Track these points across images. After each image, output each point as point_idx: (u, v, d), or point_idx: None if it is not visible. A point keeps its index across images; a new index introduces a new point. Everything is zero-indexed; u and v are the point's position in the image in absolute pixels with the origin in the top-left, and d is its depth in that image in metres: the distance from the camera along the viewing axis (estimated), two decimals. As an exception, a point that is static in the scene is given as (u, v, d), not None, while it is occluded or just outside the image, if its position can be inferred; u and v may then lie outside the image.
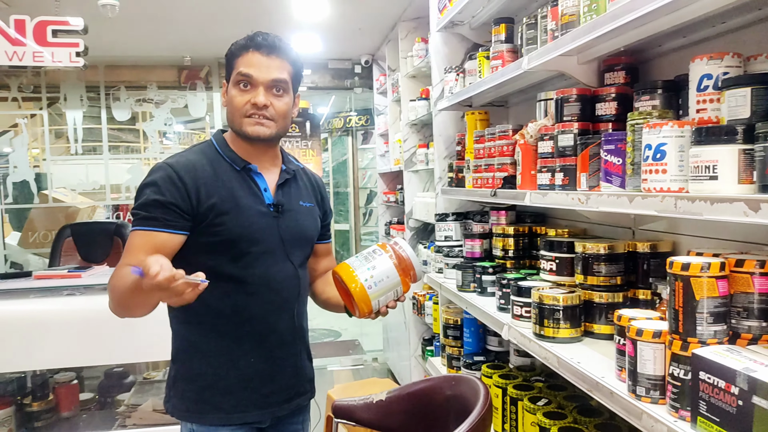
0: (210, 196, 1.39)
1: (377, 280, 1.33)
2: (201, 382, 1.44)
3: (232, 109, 1.45)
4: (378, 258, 1.36)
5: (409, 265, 1.37)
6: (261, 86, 1.42)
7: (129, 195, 5.00)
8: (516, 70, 1.77)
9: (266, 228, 1.44)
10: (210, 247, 1.39)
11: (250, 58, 1.42)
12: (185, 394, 1.45)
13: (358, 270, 1.34)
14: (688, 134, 1.10)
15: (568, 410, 1.66)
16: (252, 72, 1.41)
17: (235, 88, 1.43)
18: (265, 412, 1.47)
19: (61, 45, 2.72)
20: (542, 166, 1.65)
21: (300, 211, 1.54)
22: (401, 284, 1.36)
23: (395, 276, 1.35)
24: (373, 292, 1.33)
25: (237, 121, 1.44)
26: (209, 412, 1.43)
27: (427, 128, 3.74)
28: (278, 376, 1.48)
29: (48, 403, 2.96)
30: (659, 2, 1.11)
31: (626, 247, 1.55)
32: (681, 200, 1.04)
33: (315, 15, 3.53)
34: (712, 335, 0.98)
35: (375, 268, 1.34)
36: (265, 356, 1.46)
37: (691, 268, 0.99)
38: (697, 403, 0.94)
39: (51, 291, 2.86)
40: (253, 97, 1.42)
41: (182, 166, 1.40)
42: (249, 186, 1.46)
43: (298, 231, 1.52)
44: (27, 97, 4.76)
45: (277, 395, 1.49)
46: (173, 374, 1.49)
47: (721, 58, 1.13)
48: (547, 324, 1.52)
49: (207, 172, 1.42)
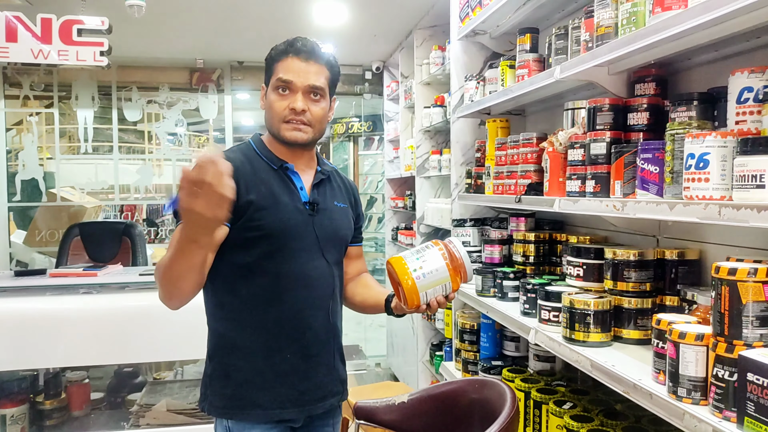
0: (249, 192, 1.42)
1: (426, 272, 1.37)
2: (238, 377, 1.45)
3: (271, 114, 1.49)
4: (429, 252, 1.40)
5: (461, 264, 1.39)
6: (299, 91, 1.46)
7: (138, 196, 5.01)
8: (547, 78, 1.81)
9: (302, 225, 1.48)
10: (247, 243, 1.42)
11: (289, 64, 1.46)
12: (223, 390, 1.46)
13: (409, 261, 1.38)
14: (730, 144, 1.14)
15: (594, 413, 1.69)
16: (291, 77, 1.45)
17: (274, 92, 1.48)
18: (301, 409, 1.49)
19: (85, 44, 2.75)
20: (572, 174, 1.69)
21: (335, 211, 1.58)
22: (450, 280, 1.39)
23: (444, 271, 1.38)
24: (422, 284, 1.36)
25: (275, 126, 1.49)
26: (247, 408, 1.44)
27: (441, 135, 3.78)
28: (313, 374, 1.51)
29: (60, 401, 2.96)
30: (701, 18, 1.16)
31: (655, 254, 1.59)
32: (725, 208, 1.07)
33: (333, 20, 3.57)
34: (758, 338, 1.02)
35: (425, 261, 1.38)
36: (301, 353, 1.48)
37: (738, 273, 1.02)
38: (744, 404, 0.97)
39: (67, 289, 2.87)
40: (291, 102, 1.46)
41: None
42: (286, 184, 1.50)
43: (333, 230, 1.55)
44: (38, 96, 4.77)
45: (312, 393, 1.50)
46: (209, 372, 1.51)
47: (763, 71, 1.17)
48: (578, 328, 1.55)
49: (246, 168, 1.46)
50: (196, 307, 1.46)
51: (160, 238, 5.31)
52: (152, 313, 2.70)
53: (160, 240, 5.30)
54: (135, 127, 5.19)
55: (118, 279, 2.95)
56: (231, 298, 1.44)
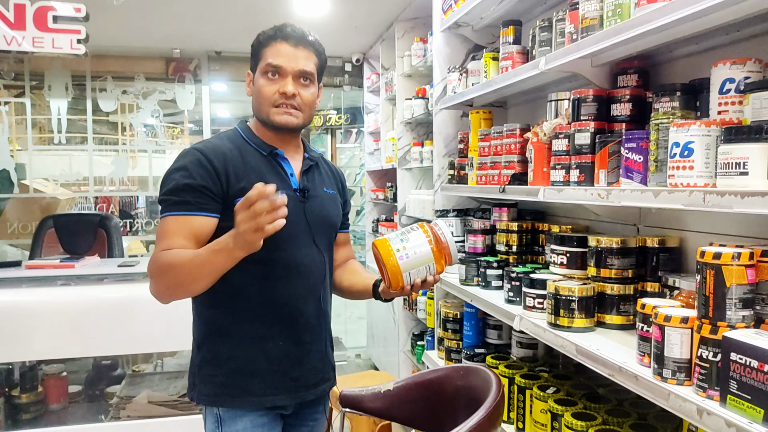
0: (239, 180, 1.42)
1: (409, 253, 1.40)
2: (230, 365, 1.45)
3: (260, 99, 1.48)
4: (414, 234, 1.43)
5: (445, 246, 1.42)
6: (289, 76, 1.45)
7: (112, 188, 4.92)
8: (532, 70, 1.83)
9: (294, 212, 1.45)
10: None
11: (278, 48, 1.46)
12: (213, 379, 1.46)
13: (393, 242, 1.41)
14: (714, 133, 1.17)
15: (577, 397, 1.73)
16: (281, 62, 1.45)
17: (263, 77, 1.47)
18: (294, 396, 1.50)
19: (62, 31, 2.69)
20: (556, 164, 1.72)
21: (324, 198, 1.58)
22: (434, 262, 1.41)
23: (428, 252, 1.40)
24: (405, 264, 1.39)
25: (265, 111, 1.48)
26: (238, 396, 1.44)
27: (422, 127, 3.80)
28: (306, 360, 1.51)
29: (37, 395, 2.91)
30: (686, 11, 1.19)
31: (637, 242, 1.63)
32: (710, 194, 1.11)
33: (314, 11, 3.56)
34: (741, 320, 1.06)
35: (409, 242, 1.41)
36: (294, 340, 1.49)
37: (722, 257, 1.06)
38: (727, 383, 1.01)
39: (44, 281, 2.82)
40: (281, 86, 1.45)
41: (210, 150, 1.44)
42: (277, 171, 1.50)
43: (323, 216, 1.56)
44: (8, 85, 4.64)
45: (305, 379, 1.51)
46: (198, 361, 1.50)
47: (744, 63, 1.21)
48: (563, 314, 1.58)
49: (235, 156, 1.45)
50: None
51: (135, 230, 5.23)
52: (131, 305, 2.68)
53: (135, 232, 5.22)
54: (108, 118, 5.10)
55: (96, 270, 2.91)
56: (223, 285, 1.43)
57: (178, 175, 1.40)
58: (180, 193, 1.38)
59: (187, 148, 1.47)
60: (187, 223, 1.37)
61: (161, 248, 1.36)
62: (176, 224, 1.37)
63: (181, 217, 1.38)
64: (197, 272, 1.31)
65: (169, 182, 1.41)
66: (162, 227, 1.39)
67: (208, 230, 1.39)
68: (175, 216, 1.38)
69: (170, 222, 1.38)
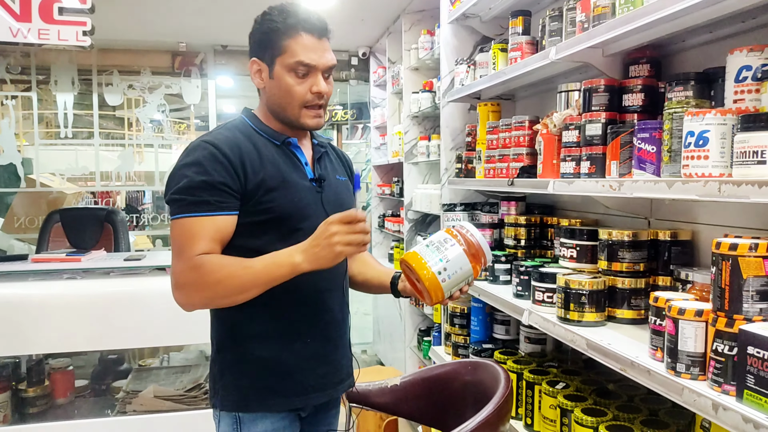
0: (256, 173, 1.33)
1: (451, 273, 1.29)
2: (256, 367, 1.38)
3: (288, 98, 1.37)
4: (450, 248, 1.31)
5: (480, 251, 1.33)
6: (319, 73, 1.36)
7: (119, 183, 4.92)
8: (542, 60, 1.80)
9: (313, 203, 1.41)
10: (258, 227, 1.34)
11: (305, 43, 1.34)
12: (239, 383, 1.38)
13: (430, 260, 1.29)
14: (729, 122, 1.14)
15: (587, 393, 1.70)
16: (313, 60, 1.34)
17: (290, 74, 1.35)
18: (321, 394, 1.43)
19: (67, 23, 2.67)
20: (566, 155, 1.69)
21: (338, 185, 1.52)
22: (473, 273, 1.32)
23: (467, 265, 1.31)
24: (447, 285, 1.30)
25: (293, 112, 1.38)
26: (267, 398, 1.37)
27: (429, 120, 3.77)
28: (333, 357, 1.46)
29: (43, 389, 2.91)
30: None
31: (648, 235, 1.60)
32: (725, 184, 1.08)
33: (320, 4, 3.52)
34: (758, 312, 1.03)
35: (448, 260, 1.29)
36: (321, 336, 1.43)
37: (739, 248, 1.03)
38: (744, 378, 0.99)
39: (50, 274, 2.81)
40: (313, 85, 1.36)
41: (223, 142, 1.33)
42: (292, 160, 1.42)
43: (339, 205, 1.47)
44: (14, 80, 4.64)
45: (332, 376, 1.46)
46: (219, 366, 1.41)
47: (762, 50, 1.17)
48: (573, 308, 1.56)
49: (249, 148, 1.36)
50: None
51: (142, 225, 5.23)
52: (138, 299, 2.67)
53: (142, 227, 5.22)
54: (114, 113, 5.09)
55: (103, 264, 2.90)
56: None
57: (190, 171, 1.29)
58: (196, 191, 1.28)
59: (196, 141, 1.35)
60: (210, 224, 1.28)
61: (190, 255, 1.26)
62: (198, 227, 1.27)
63: (202, 218, 1.28)
64: (250, 285, 1.25)
65: (181, 179, 1.29)
66: (181, 230, 1.28)
67: (231, 230, 1.31)
68: (196, 218, 1.28)
69: (191, 225, 1.28)
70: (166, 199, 1.33)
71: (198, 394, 2.83)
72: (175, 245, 1.29)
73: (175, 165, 1.34)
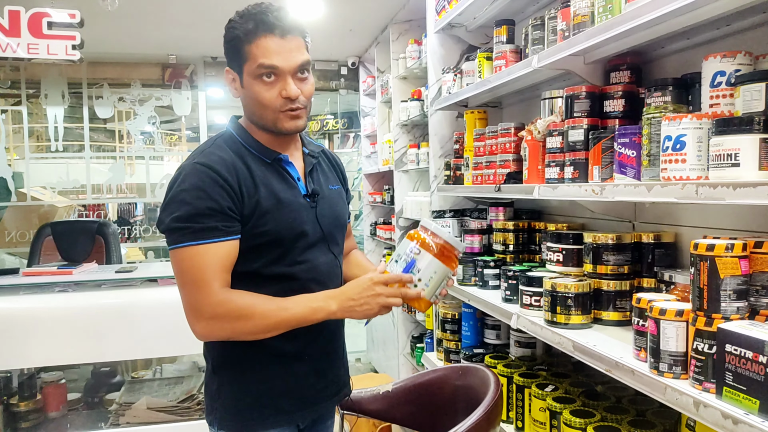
0: (251, 196, 1.30)
1: (427, 281, 1.31)
2: (256, 385, 1.36)
3: (260, 106, 1.32)
4: (418, 257, 1.31)
5: (450, 248, 1.34)
6: (288, 75, 1.29)
7: (110, 196, 4.93)
8: (525, 68, 1.84)
9: (308, 221, 1.38)
10: (254, 250, 1.31)
11: (266, 45, 1.27)
12: (238, 404, 1.36)
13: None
14: (705, 126, 1.18)
15: (575, 395, 1.72)
16: (275, 62, 1.27)
17: (257, 81, 1.30)
18: (320, 406, 1.44)
19: (56, 38, 2.68)
20: (550, 161, 1.72)
21: (332, 197, 1.49)
22: (450, 270, 1.34)
23: (441, 267, 1.32)
24: (428, 292, 1.32)
25: (269, 118, 1.33)
26: (269, 416, 1.36)
27: (418, 129, 3.81)
28: (330, 370, 1.46)
29: (36, 402, 2.89)
30: (674, 4, 1.19)
31: (632, 237, 1.63)
32: (702, 187, 1.11)
33: (309, 15, 3.56)
34: (735, 311, 1.06)
35: (419, 270, 1.31)
36: (319, 351, 1.42)
37: (716, 249, 1.06)
38: (723, 375, 1.01)
39: (41, 288, 2.81)
40: (283, 89, 1.30)
41: (220, 164, 1.28)
42: (284, 178, 1.38)
43: (334, 217, 1.47)
44: (4, 94, 4.65)
45: (330, 388, 1.46)
46: (216, 387, 1.38)
47: (734, 56, 1.21)
48: (560, 311, 1.58)
49: (242, 168, 1.31)
50: (174, 303, 1.37)
51: (134, 237, 5.22)
52: (129, 311, 2.67)
53: (134, 239, 5.21)
54: (105, 126, 5.10)
55: (94, 276, 2.90)
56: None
57: (190, 197, 1.24)
58: (201, 219, 1.24)
59: (188, 164, 1.30)
60: (221, 251, 1.25)
61: (213, 287, 1.24)
62: (211, 254, 1.24)
63: (212, 245, 1.24)
64: (284, 326, 1.27)
65: (181, 206, 1.24)
66: (192, 259, 1.24)
67: (236, 255, 1.28)
68: (206, 245, 1.24)
69: (204, 253, 1.24)
70: (165, 227, 1.27)
71: (191, 405, 2.83)
72: (189, 275, 1.25)
73: (172, 190, 1.29)
